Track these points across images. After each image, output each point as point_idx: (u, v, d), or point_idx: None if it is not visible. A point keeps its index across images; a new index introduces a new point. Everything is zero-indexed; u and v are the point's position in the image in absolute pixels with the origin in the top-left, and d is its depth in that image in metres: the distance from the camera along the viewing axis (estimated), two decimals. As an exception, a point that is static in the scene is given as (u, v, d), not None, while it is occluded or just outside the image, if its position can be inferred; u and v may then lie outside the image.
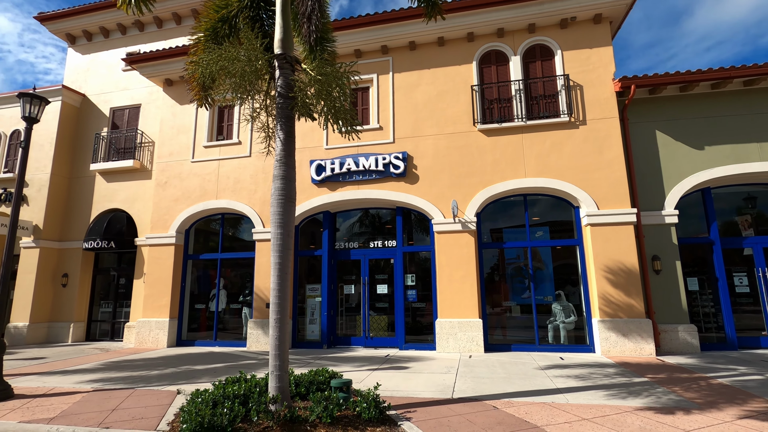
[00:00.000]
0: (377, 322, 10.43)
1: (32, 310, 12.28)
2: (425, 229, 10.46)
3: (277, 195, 5.11)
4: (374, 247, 10.73)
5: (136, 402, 5.64)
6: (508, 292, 10.02)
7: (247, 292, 11.42)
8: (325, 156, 10.86)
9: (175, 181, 11.87)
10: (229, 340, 11.11)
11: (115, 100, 13.80)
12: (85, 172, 13.40)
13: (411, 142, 10.43)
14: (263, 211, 11.04)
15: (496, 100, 10.26)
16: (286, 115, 5.34)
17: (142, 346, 10.98)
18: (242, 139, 11.62)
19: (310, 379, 5.32)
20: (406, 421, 4.54)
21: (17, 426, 4.79)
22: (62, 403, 5.67)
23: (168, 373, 7.59)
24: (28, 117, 6.69)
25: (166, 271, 11.35)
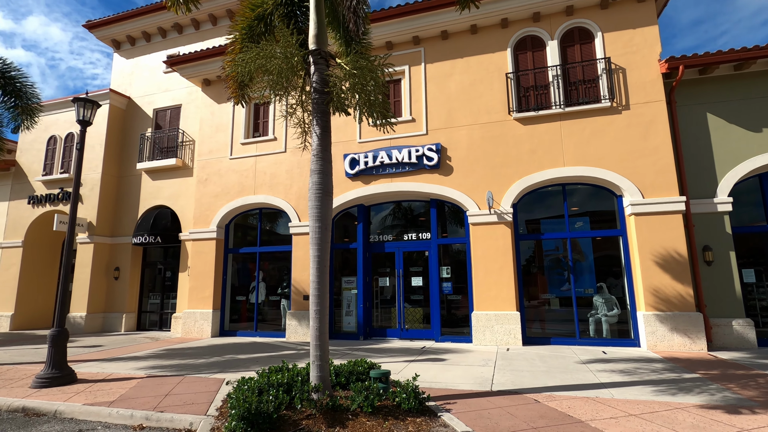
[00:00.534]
0: (412, 314, 10.47)
1: (89, 302, 13.13)
2: (460, 221, 10.35)
3: (314, 189, 5.20)
4: (408, 240, 10.74)
5: (186, 388, 5.94)
6: (546, 284, 9.79)
7: (284, 284, 11.73)
8: (359, 149, 10.92)
9: (214, 178, 12.30)
10: (268, 331, 11.47)
11: (157, 101, 14.41)
12: (132, 171, 14.12)
13: (444, 134, 10.32)
14: (299, 205, 11.27)
15: (532, 88, 9.96)
16: (321, 111, 5.40)
17: (188, 336, 11.53)
18: (277, 136, 11.87)
19: (350, 370, 5.42)
20: (445, 412, 4.55)
21: (82, 408, 5.16)
22: (120, 388, 6.05)
23: (213, 361, 7.94)
24: (82, 120, 7.11)
25: (208, 265, 11.83)
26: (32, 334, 12.78)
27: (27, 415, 5.24)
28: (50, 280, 15.09)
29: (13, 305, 13.95)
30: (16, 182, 14.97)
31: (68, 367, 6.48)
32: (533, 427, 4.08)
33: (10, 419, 5.10)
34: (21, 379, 6.74)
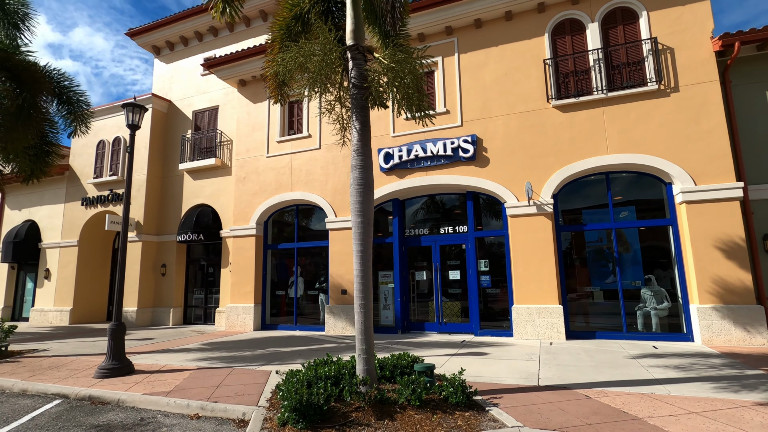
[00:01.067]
0: (450, 308, 10.40)
1: (139, 297, 13.84)
2: (497, 213, 10.16)
3: (356, 184, 5.23)
4: (444, 233, 10.65)
5: (236, 380, 6.16)
6: (589, 276, 9.47)
7: (322, 279, 11.92)
8: (393, 144, 10.90)
9: (252, 176, 12.62)
10: (307, 324, 11.71)
11: (196, 103, 14.91)
12: (175, 171, 14.69)
13: (480, 125, 10.13)
14: (335, 201, 11.39)
15: (571, 73, 9.60)
16: (360, 106, 5.41)
17: (232, 330, 11.94)
18: (312, 133, 12.02)
19: (394, 363, 5.45)
20: (493, 406, 4.50)
21: (142, 397, 5.45)
22: (174, 378, 6.35)
23: (258, 354, 8.19)
24: (131, 124, 7.45)
25: (248, 261, 12.19)
26: (89, 328, 13.61)
27: (93, 403, 5.60)
28: (103, 277, 15.99)
29: (72, 300, 14.89)
30: (70, 185, 15.92)
31: (126, 359, 6.86)
32: (587, 423, 3.97)
33: (78, 407, 5.46)
34: (84, 369, 7.19)
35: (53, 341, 10.60)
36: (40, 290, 15.80)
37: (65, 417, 5.06)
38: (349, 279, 10.87)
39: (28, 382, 6.35)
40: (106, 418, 5.00)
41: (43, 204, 16.46)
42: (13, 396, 6.05)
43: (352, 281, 10.80)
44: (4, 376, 6.85)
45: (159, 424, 4.75)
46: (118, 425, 4.73)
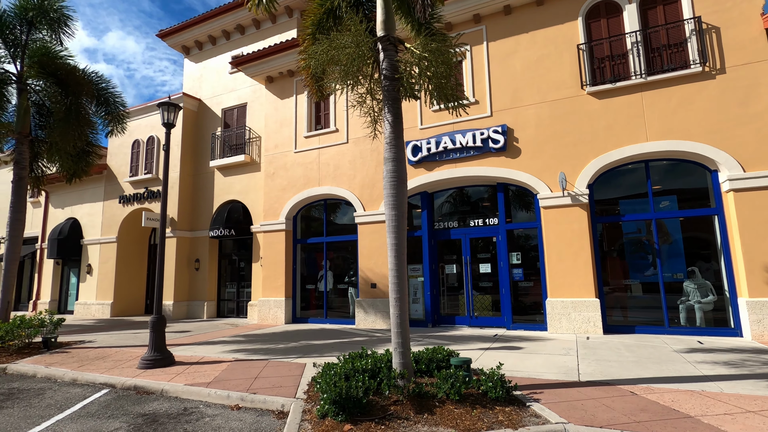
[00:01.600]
0: (481, 302, 10.27)
1: (174, 291, 14.30)
2: (529, 204, 9.92)
3: (389, 177, 5.19)
4: (474, 226, 10.50)
5: (273, 372, 6.26)
6: (626, 269, 9.15)
7: (351, 273, 11.99)
8: (420, 136, 10.79)
9: (281, 172, 12.78)
10: (337, 318, 11.82)
11: (224, 101, 15.18)
12: (206, 168, 15.04)
13: (510, 114, 9.88)
14: (363, 194, 11.40)
15: (607, 58, 9.22)
16: (392, 97, 5.35)
17: (264, 323, 12.18)
18: (339, 127, 12.04)
19: (429, 357, 5.42)
20: (534, 402, 4.40)
21: (184, 388, 5.62)
22: (213, 370, 6.52)
23: (292, 347, 8.32)
24: (167, 123, 7.64)
25: (279, 255, 12.37)
26: (129, 320, 14.18)
27: (138, 392, 5.81)
28: (140, 272, 16.61)
29: (112, 294, 15.54)
30: (108, 184, 16.56)
31: (167, 351, 7.09)
32: (635, 420, 3.83)
33: (125, 396, 5.68)
34: (128, 360, 7.48)
35: (97, 333, 11.09)
36: (83, 284, 16.57)
37: (113, 406, 5.27)
38: (378, 272, 10.88)
39: (78, 372, 6.66)
40: (152, 407, 5.18)
41: (83, 202, 17.20)
42: (65, 385, 6.35)
43: (381, 275, 10.81)
44: (55, 365, 7.21)
45: (201, 414, 4.88)
46: (163, 414, 4.89)
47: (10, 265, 8.95)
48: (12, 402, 5.52)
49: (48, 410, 5.16)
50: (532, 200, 9.79)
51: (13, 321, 8.50)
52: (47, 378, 6.78)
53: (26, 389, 6.15)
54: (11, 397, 5.77)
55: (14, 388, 6.20)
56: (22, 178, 9.22)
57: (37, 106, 10.17)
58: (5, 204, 20.37)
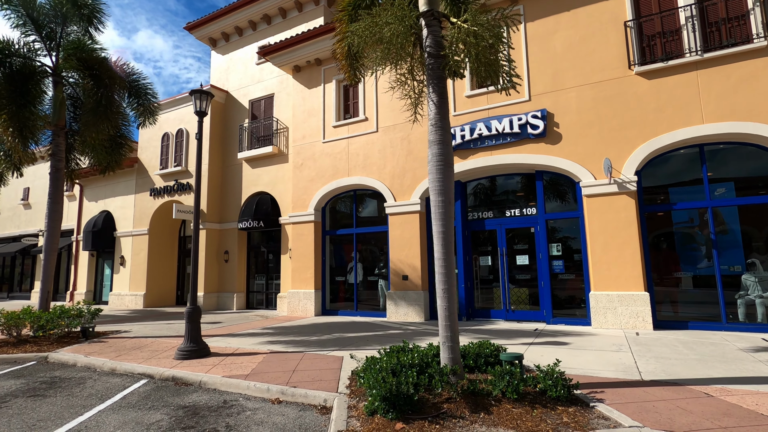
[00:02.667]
0: (517, 295, 9.87)
1: (205, 282, 14.40)
2: (571, 193, 9.43)
3: (435, 161, 4.87)
4: (511, 216, 10.08)
5: (310, 365, 6.08)
6: (677, 261, 8.58)
7: (381, 264, 11.75)
8: (454, 123, 10.38)
9: (309, 162, 12.61)
10: (367, 311, 11.62)
11: (251, 92, 15.10)
12: (234, 160, 15.04)
13: (550, 98, 9.38)
14: (393, 184, 11.11)
15: (658, 35, 8.61)
16: (437, 76, 5.02)
17: (294, 315, 12.11)
18: (368, 116, 11.76)
19: (476, 351, 5.12)
20: (598, 402, 4.05)
21: (222, 380, 5.49)
22: (249, 362, 6.40)
23: (325, 339, 8.15)
24: (199, 111, 7.52)
25: (308, 247, 12.24)
26: (161, 311, 14.37)
27: (177, 384, 5.73)
28: (171, 263, 16.84)
29: (145, 285, 15.81)
30: (139, 177, 16.80)
31: (203, 342, 7.02)
32: (721, 426, 3.44)
33: (164, 387, 5.60)
34: (164, 350, 7.46)
35: (131, 323, 11.23)
36: (116, 276, 16.92)
37: (153, 396, 5.19)
38: (410, 264, 10.61)
39: (116, 362, 6.65)
40: (191, 399, 5.07)
41: (116, 195, 17.53)
42: (104, 374, 6.35)
43: (413, 266, 10.54)
44: (94, 355, 7.24)
45: (242, 407, 4.73)
46: (203, 407, 4.77)
47: (49, 256, 9.09)
48: (54, 391, 5.52)
49: (89, 400, 5.12)
50: (574, 189, 9.30)
51: (53, 311, 8.63)
52: (87, 367, 6.80)
53: (67, 378, 6.17)
54: (53, 385, 5.78)
55: (56, 377, 6.23)
56: (58, 170, 9.32)
57: (71, 99, 10.27)
58: (41, 198, 21.06)
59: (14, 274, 23.31)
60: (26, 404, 5.00)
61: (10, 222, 22.41)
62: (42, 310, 8.76)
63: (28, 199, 21.81)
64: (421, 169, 10.72)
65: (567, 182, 9.45)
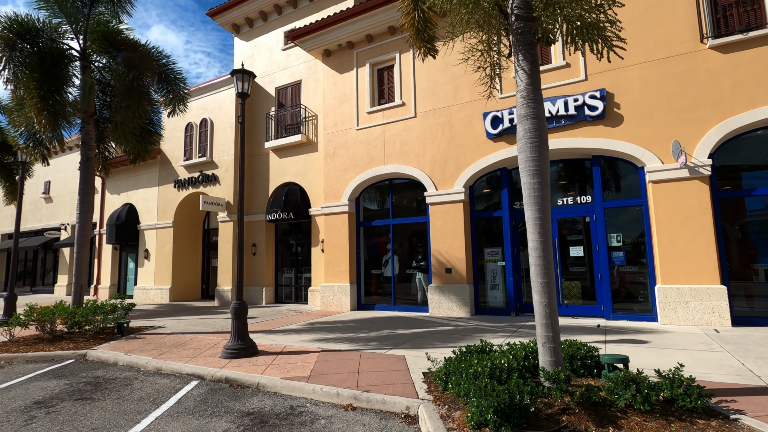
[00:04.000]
0: (571, 288, 9.27)
1: (233, 276, 14.01)
2: (632, 179, 8.77)
3: (527, 138, 4.29)
4: (563, 205, 9.44)
5: (372, 365, 5.59)
6: (753, 252, 7.90)
7: (419, 257, 11.22)
8: (501, 106, 9.76)
9: (341, 151, 12.07)
10: (406, 305, 11.11)
11: (277, 79, 14.56)
12: (260, 150, 14.56)
13: (609, 77, 8.70)
14: (434, 172, 10.53)
15: (734, 4, 7.86)
16: (527, 42, 4.42)
17: (328, 309, 11.65)
18: (406, 100, 11.16)
19: (570, 353, 4.56)
20: (738, 413, 3.49)
21: (282, 383, 5.02)
22: (303, 361, 5.92)
23: (375, 335, 7.65)
24: (241, 93, 7.01)
25: (341, 239, 11.75)
26: (189, 306, 14.04)
27: (231, 386, 5.27)
28: (195, 257, 16.50)
29: (170, 279, 15.49)
30: (162, 168, 16.43)
31: (250, 339, 6.57)
32: None
33: (219, 390, 5.15)
34: (208, 348, 7.03)
35: (163, 318, 10.87)
36: (141, 269, 16.64)
37: (210, 401, 4.74)
38: (453, 256, 10.05)
39: (160, 361, 6.23)
40: (253, 404, 4.60)
41: (138, 188, 17.20)
42: (150, 374, 5.92)
43: (457, 258, 9.98)
44: (135, 353, 6.84)
45: (313, 415, 4.25)
46: (270, 414, 4.29)
47: (81, 249, 8.71)
48: (102, 394, 5.10)
49: (142, 404, 4.68)
50: (636, 174, 8.64)
51: (88, 306, 8.26)
52: (129, 366, 6.40)
53: (112, 378, 5.75)
54: (99, 387, 5.36)
55: (99, 377, 5.82)
56: (89, 158, 8.90)
57: (100, 84, 9.84)
58: (62, 192, 20.87)
59: (36, 268, 23.27)
60: (75, 409, 4.58)
61: (32, 216, 22.29)
62: (75, 306, 8.40)
63: (50, 193, 21.65)
64: (465, 156, 10.12)
65: (628, 168, 8.79)
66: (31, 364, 6.78)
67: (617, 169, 8.96)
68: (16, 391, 5.32)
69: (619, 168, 8.93)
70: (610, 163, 9.00)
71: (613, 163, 8.96)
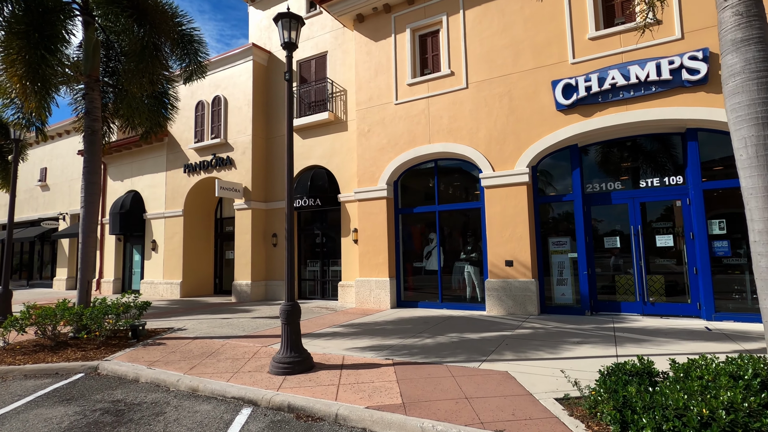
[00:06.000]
0: (657, 284, 8.01)
1: (252, 269, 12.69)
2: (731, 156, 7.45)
3: (750, 72, 2.99)
4: (647, 187, 8.15)
5: (476, 387, 4.30)
6: None
7: (469, 248, 9.92)
8: (574, 72, 8.41)
9: (377, 129, 10.70)
10: (454, 302, 9.83)
11: (299, 52, 13.10)
12: (281, 130, 13.17)
13: (711, 35, 7.34)
14: (490, 151, 9.19)
15: None
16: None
17: (364, 307, 10.37)
18: (455, 69, 9.77)
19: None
20: None
21: (372, 414, 3.72)
22: (379, 379, 4.63)
23: (445, 342, 6.37)
24: (288, 42, 5.63)
25: (379, 227, 10.43)
26: (203, 302, 12.73)
27: (298, 417, 3.97)
28: (207, 248, 15.16)
29: (181, 273, 14.16)
30: (170, 152, 15.01)
31: (305, 349, 5.27)
32: None
33: (282, 422, 3.85)
34: (246, 359, 5.73)
35: (179, 318, 9.57)
36: (148, 262, 15.29)
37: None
38: (515, 247, 8.76)
39: (195, 378, 4.93)
40: (342, 449, 3.31)
41: (143, 173, 15.79)
42: (184, 397, 4.62)
43: (519, 249, 8.71)
44: (159, 365, 5.54)
45: (439, 470, 2.96)
46: (375, 468, 3.00)
47: (87, 238, 7.35)
48: (127, 429, 3.79)
49: (186, 449, 3.38)
50: (742, 150, 7.33)
51: (97, 306, 6.93)
52: (155, 384, 5.09)
53: (136, 404, 4.44)
54: (122, 418, 4.05)
55: (119, 402, 4.51)
56: (95, 131, 7.50)
57: (105, 47, 8.41)
58: (62, 179, 19.41)
59: (33, 260, 21.86)
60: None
61: (27, 205, 20.85)
62: (82, 305, 7.07)
63: (46, 180, 20.19)
64: (529, 132, 8.79)
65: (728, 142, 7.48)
66: (30, 380, 5.47)
67: (719, 144, 7.64)
68: (12, 423, 4.01)
69: (720, 143, 7.61)
70: (709, 138, 7.68)
71: (713, 137, 7.65)
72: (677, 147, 8.00)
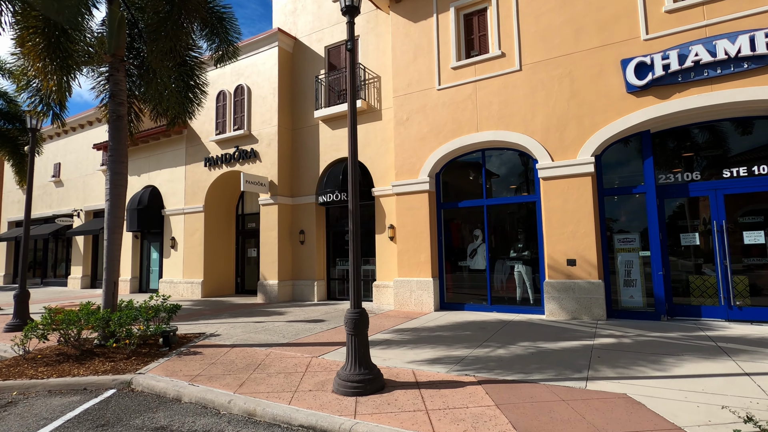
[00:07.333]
0: (743, 285, 7.14)
1: (279, 268, 11.97)
2: None
3: None
4: (732, 177, 7.27)
5: (601, 415, 3.50)
6: None
7: (521, 245, 9.09)
8: (647, 50, 7.53)
9: (417, 117, 9.89)
10: (504, 305, 9.01)
11: (327, 37, 12.33)
12: (309, 121, 12.40)
13: (817, 2, 6.44)
14: (548, 139, 8.35)
15: None
16: None
17: (404, 309, 9.60)
18: (506, 50, 8.93)
19: None
20: None
21: (490, 456, 2.94)
22: (472, 403, 3.85)
23: (521, 352, 5.57)
24: (350, 6, 4.83)
25: (420, 224, 9.63)
26: (228, 302, 12.04)
27: (391, 455, 3.20)
28: (228, 245, 14.47)
29: (202, 272, 13.48)
30: (189, 145, 14.32)
31: (374, 365, 4.50)
32: None
33: (376, 465, 3.08)
34: (299, 373, 4.98)
35: (207, 321, 8.86)
36: (166, 260, 14.63)
37: (382, 496, 2.67)
38: (578, 244, 7.93)
39: (249, 399, 4.18)
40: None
41: (161, 168, 15.12)
42: (241, 423, 3.86)
43: (583, 247, 7.88)
44: (201, 380, 4.80)
45: None
46: None
47: (113, 234, 6.63)
48: (183, 471, 3.04)
49: (264, 503, 2.62)
50: None
51: (125, 310, 6.22)
52: (201, 405, 4.34)
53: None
54: (173, 454, 3.30)
55: (165, 430, 3.77)
56: (120, 116, 6.77)
57: (129, 25, 7.67)
58: (76, 174, 18.85)
59: (47, 258, 21.36)
60: None
61: (41, 201, 20.31)
62: (108, 309, 6.37)
63: (60, 176, 19.64)
64: (593, 117, 7.93)
65: (836, 126, 6.59)
66: (56, 396, 4.76)
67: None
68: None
69: (822, 127, 6.72)
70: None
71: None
72: (766, 131, 7.11)
